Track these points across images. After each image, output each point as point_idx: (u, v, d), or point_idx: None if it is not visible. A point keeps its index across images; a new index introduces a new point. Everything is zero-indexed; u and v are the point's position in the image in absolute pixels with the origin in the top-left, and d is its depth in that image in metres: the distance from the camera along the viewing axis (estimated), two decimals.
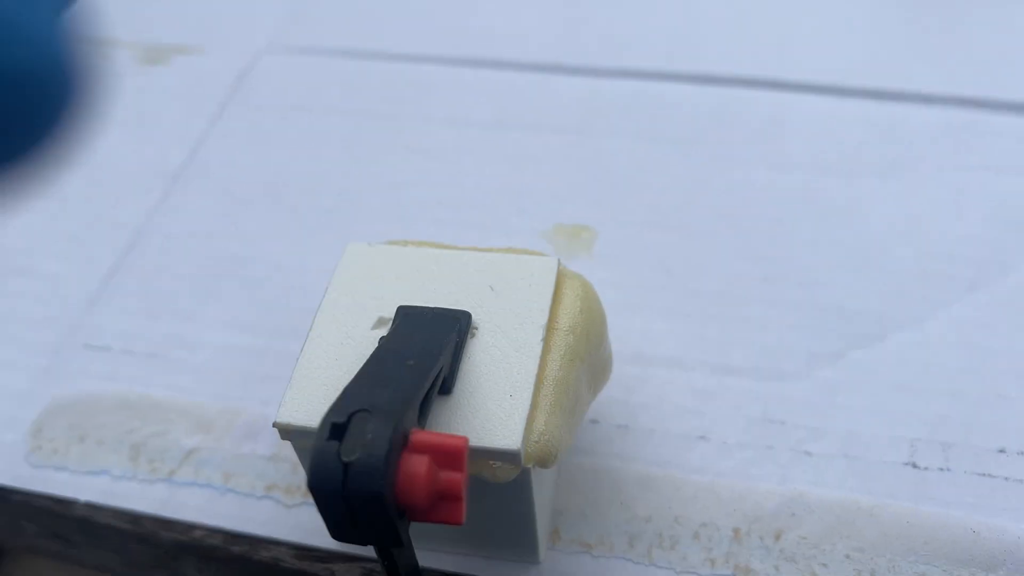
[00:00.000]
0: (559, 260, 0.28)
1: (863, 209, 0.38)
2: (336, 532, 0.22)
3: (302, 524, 0.31)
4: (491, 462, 0.25)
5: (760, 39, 0.46)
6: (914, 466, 0.30)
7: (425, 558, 0.30)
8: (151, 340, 0.36)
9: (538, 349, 0.26)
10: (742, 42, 0.46)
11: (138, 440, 0.33)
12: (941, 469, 0.30)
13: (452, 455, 0.21)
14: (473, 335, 0.26)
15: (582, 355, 0.27)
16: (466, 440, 0.21)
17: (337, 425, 0.21)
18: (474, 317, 0.27)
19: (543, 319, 0.26)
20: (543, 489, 0.28)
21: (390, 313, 0.27)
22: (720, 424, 0.32)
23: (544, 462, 0.25)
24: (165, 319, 0.37)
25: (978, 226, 0.36)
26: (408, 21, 0.49)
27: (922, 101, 0.42)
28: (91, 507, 0.32)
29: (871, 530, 0.29)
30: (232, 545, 0.31)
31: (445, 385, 0.25)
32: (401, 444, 0.21)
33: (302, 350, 0.26)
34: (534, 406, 0.25)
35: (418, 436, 0.21)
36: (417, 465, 0.21)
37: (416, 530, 0.29)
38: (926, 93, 0.42)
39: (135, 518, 0.32)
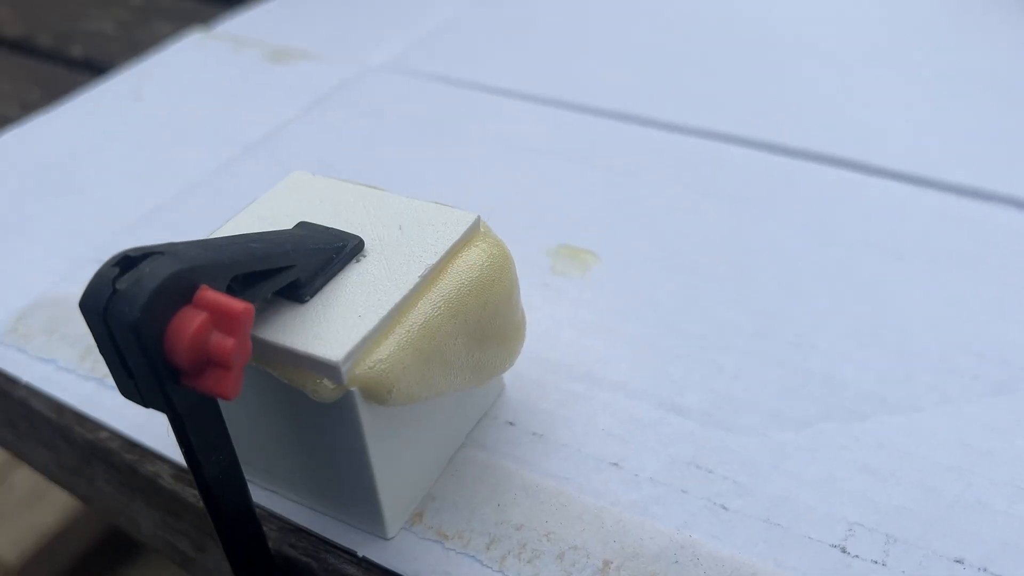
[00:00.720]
0: (479, 217, 0.27)
1: (894, 291, 0.33)
2: (119, 383, 0.21)
3: None
4: (316, 377, 0.23)
5: (841, 117, 0.43)
6: (843, 551, 0.25)
7: (275, 502, 0.28)
8: None
9: (410, 284, 0.24)
10: (820, 118, 0.43)
11: (95, 345, 0.34)
12: (874, 562, 0.25)
13: (230, 318, 0.20)
14: (358, 260, 0.25)
15: (467, 314, 0.25)
16: (250, 307, 0.20)
17: (130, 259, 0.21)
18: (368, 247, 0.26)
19: (431, 261, 0.25)
20: (394, 454, 0.25)
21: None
22: (640, 456, 0.28)
23: (373, 393, 0.23)
24: None
25: None
26: (509, 60, 0.50)
27: (999, 201, 0.37)
28: (30, 391, 0.33)
29: None
30: (126, 453, 0.31)
31: (300, 293, 0.24)
32: (184, 294, 0.20)
33: None
34: (384, 335, 0.24)
35: (204, 292, 0.20)
36: (189, 318, 0.20)
37: (269, 471, 0.28)
38: (1005, 194, 0.37)
39: (59, 409, 0.32)
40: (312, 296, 0.24)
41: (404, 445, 0.26)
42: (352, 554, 0.26)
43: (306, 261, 0.24)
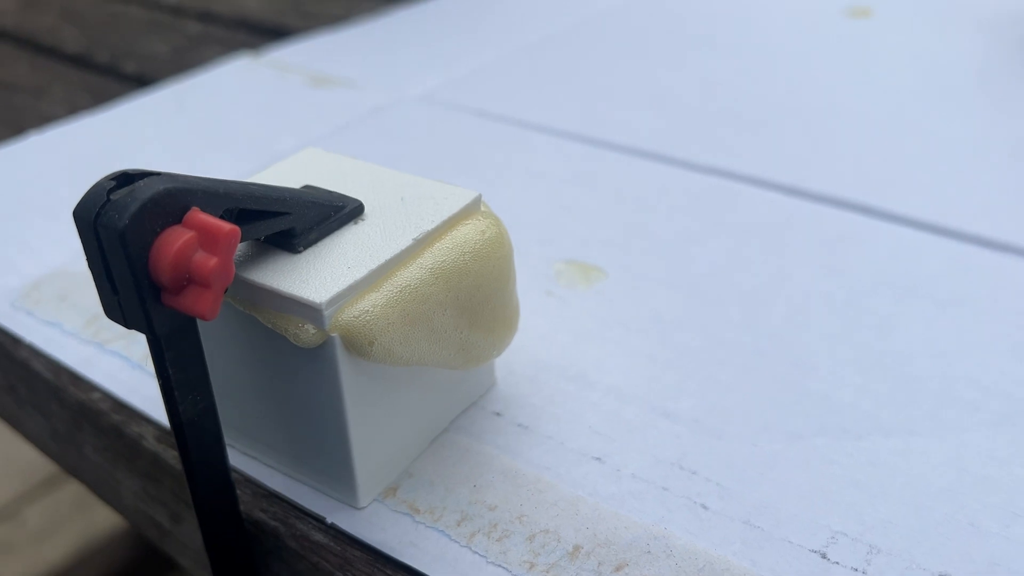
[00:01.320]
0: (481, 196, 0.27)
1: (899, 325, 0.32)
2: (103, 301, 0.22)
3: None
4: (299, 321, 0.23)
5: (858, 165, 0.43)
6: (823, 556, 0.24)
7: (251, 467, 0.28)
8: None
9: (403, 245, 0.25)
10: (837, 164, 0.43)
11: (101, 314, 0.35)
12: (855, 569, 0.24)
13: (215, 238, 0.21)
14: (356, 223, 0.26)
15: (458, 286, 0.25)
16: (235, 229, 0.21)
17: (128, 176, 0.21)
18: (368, 212, 0.26)
19: (427, 227, 0.25)
20: (372, 419, 0.25)
21: None
22: (624, 453, 0.27)
23: (354, 342, 0.23)
24: None
25: None
26: (540, 99, 0.51)
27: (1010, 251, 0.36)
28: (32, 351, 0.34)
29: None
30: (115, 413, 0.31)
31: (293, 243, 0.24)
32: (175, 213, 0.21)
33: None
34: (371, 289, 0.24)
35: (193, 213, 0.21)
36: (176, 235, 0.20)
37: (247, 431, 0.28)
38: (1017, 244, 0.37)
39: (56, 369, 0.33)
40: (306, 248, 0.25)
41: (383, 412, 0.26)
42: (320, 520, 0.26)
43: (303, 212, 0.24)
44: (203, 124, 0.50)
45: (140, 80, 0.58)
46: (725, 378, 0.30)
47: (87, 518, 0.98)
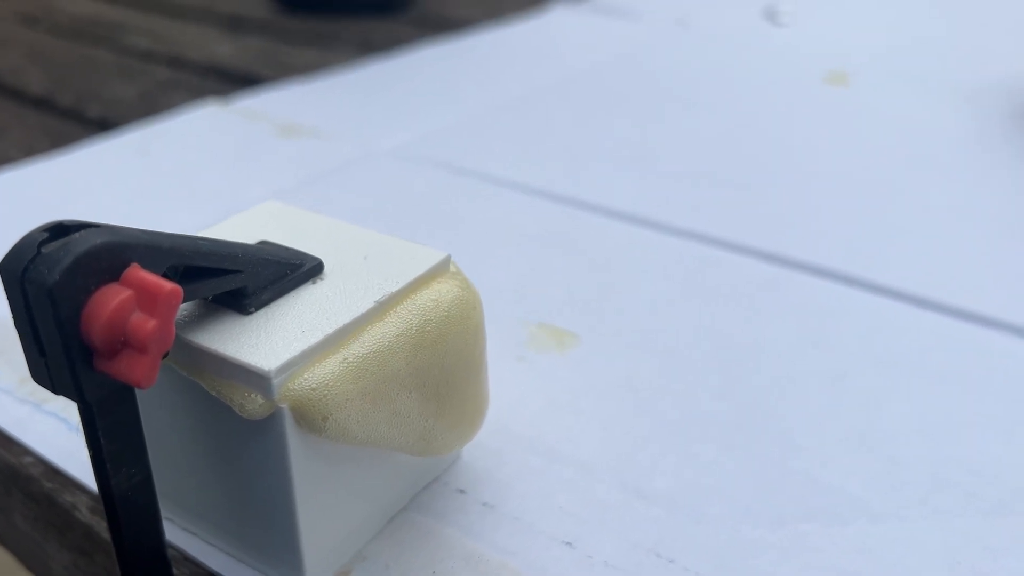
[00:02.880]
0: (450, 257, 0.25)
1: (888, 402, 0.31)
2: (30, 363, 0.20)
3: None
4: (246, 390, 0.21)
5: (844, 234, 0.42)
6: None
7: (190, 544, 0.25)
8: None
9: (362, 309, 0.23)
10: (821, 233, 0.42)
11: None
12: None
13: (155, 298, 0.19)
14: (314, 282, 0.24)
15: (423, 358, 0.23)
16: (177, 288, 0.19)
17: (63, 227, 0.19)
18: (328, 271, 0.24)
19: (390, 289, 0.24)
20: (322, 497, 0.23)
21: None
22: (597, 539, 0.26)
23: (305, 416, 0.21)
24: None
25: None
26: (513, 156, 0.50)
27: (1001, 327, 0.35)
28: None
29: None
30: (47, 480, 0.28)
31: (244, 304, 0.23)
32: (112, 270, 0.19)
33: None
34: (326, 356, 0.22)
35: (133, 270, 0.19)
36: (112, 294, 0.19)
37: (186, 505, 0.25)
38: (1008, 321, 0.35)
39: None
40: (257, 309, 0.23)
41: (335, 490, 0.23)
42: None
43: (256, 271, 0.23)
44: (166, 171, 0.49)
45: (103, 124, 0.56)
46: (704, 455, 0.29)
47: None
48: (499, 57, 0.67)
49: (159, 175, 0.48)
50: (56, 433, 0.30)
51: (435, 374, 0.24)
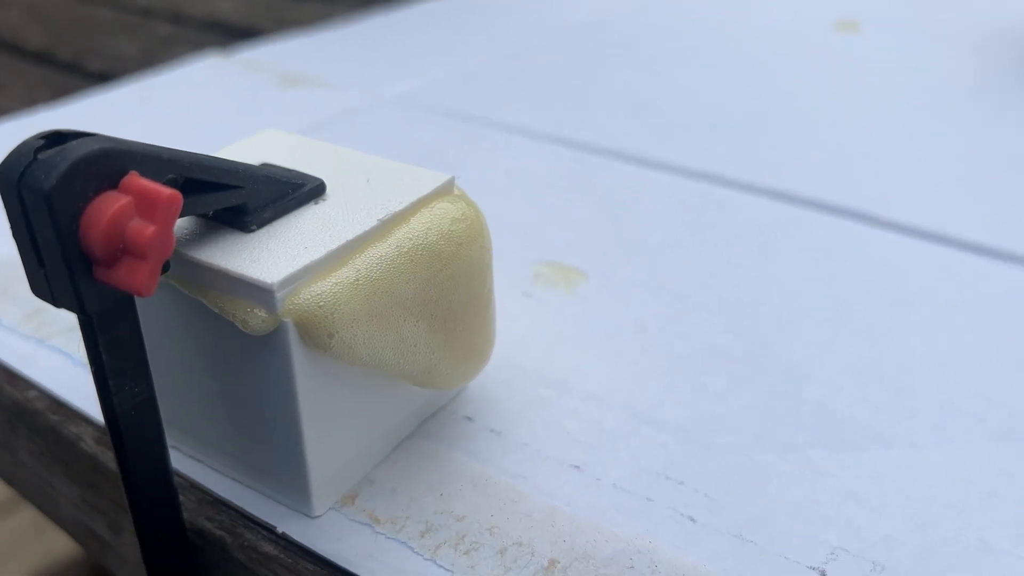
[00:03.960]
0: (454, 179, 0.25)
1: (896, 334, 0.31)
2: (29, 275, 0.19)
3: None
4: (248, 305, 0.21)
5: (851, 171, 0.41)
6: (822, 574, 0.22)
7: (196, 471, 0.25)
8: None
9: (366, 226, 0.22)
10: (829, 170, 0.41)
11: (42, 308, 0.32)
12: None
13: (154, 204, 0.18)
14: (316, 203, 0.24)
15: (426, 272, 0.23)
16: (176, 194, 0.18)
17: (60, 135, 0.19)
18: (330, 192, 0.24)
19: (393, 208, 0.23)
20: (328, 418, 0.23)
21: None
22: (605, 462, 0.25)
23: (310, 331, 0.21)
24: None
25: None
26: (519, 102, 0.49)
27: (1009, 259, 0.35)
28: None
29: None
30: (52, 413, 0.28)
31: (245, 221, 0.22)
32: (110, 177, 0.19)
33: None
34: (330, 271, 0.22)
35: (131, 178, 0.19)
36: (109, 201, 0.18)
37: (192, 431, 0.25)
38: (1016, 252, 0.35)
39: None
40: (259, 227, 0.22)
41: (342, 411, 0.23)
42: (271, 530, 0.24)
43: (257, 188, 0.22)
44: (167, 121, 0.48)
45: (104, 78, 0.56)
46: (713, 386, 0.28)
47: (43, 543, 0.95)
48: (504, 6, 0.66)
49: (160, 125, 0.48)
50: (61, 367, 0.29)
51: (442, 303, 0.24)
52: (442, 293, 0.24)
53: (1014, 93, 0.50)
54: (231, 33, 0.64)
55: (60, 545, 0.93)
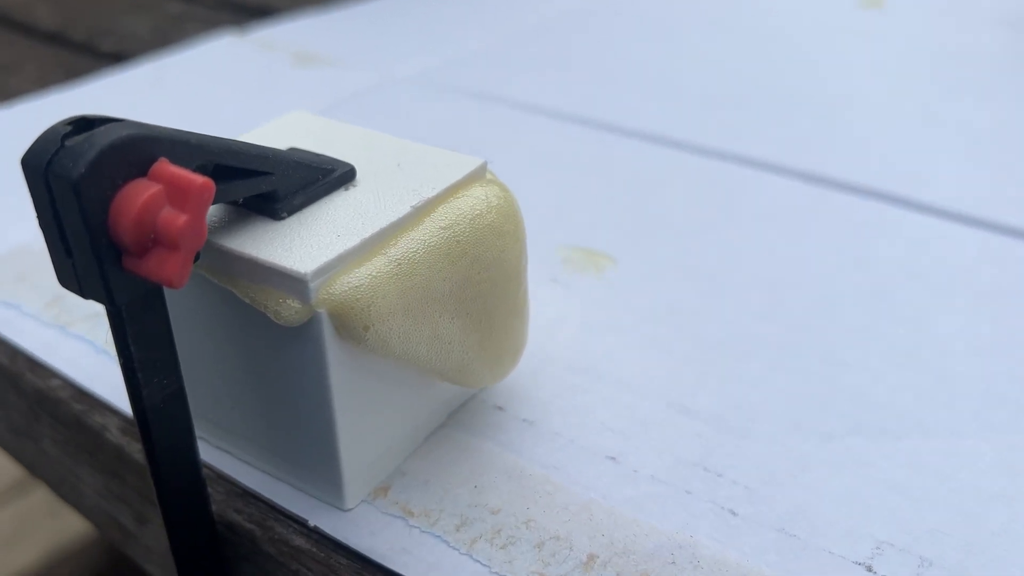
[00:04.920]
0: (487, 164, 0.24)
1: (935, 319, 0.30)
2: (57, 265, 0.19)
3: None
4: (281, 295, 0.20)
5: (886, 154, 0.41)
6: (869, 569, 0.21)
7: (224, 463, 0.25)
8: None
9: (399, 213, 0.22)
10: (864, 153, 0.41)
11: (64, 294, 0.32)
12: None
13: (186, 193, 0.18)
14: (347, 188, 0.23)
15: (461, 266, 0.22)
16: (209, 182, 0.18)
17: (87, 121, 0.18)
18: (360, 178, 0.23)
19: (426, 194, 0.23)
20: (361, 410, 0.22)
21: None
22: (641, 453, 0.25)
23: (344, 320, 0.20)
24: None
25: None
26: (538, 81, 0.49)
27: None
28: None
29: None
30: (76, 402, 0.28)
31: (276, 208, 0.22)
32: (139, 164, 0.18)
33: None
34: (362, 261, 0.21)
35: (161, 165, 0.18)
36: (140, 189, 0.18)
37: (221, 423, 0.25)
38: None
39: (13, 354, 0.30)
40: (290, 214, 0.22)
41: (374, 402, 0.23)
42: (302, 523, 0.23)
43: (288, 174, 0.22)
44: (182, 101, 0.47)
45: (118, 58, 0.55)
46: (749, 373, 0.28)
47: (57, 523, 0.95)
48: None
49: (175, 106, 0.47)
50: (83, 355, 0.29)
51: (479, 301, 0.23)
52: (478, 291, 0.23)
53: None
54: (244, 11, 0.63)
55: (74, 525, 0.93)
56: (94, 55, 0.56)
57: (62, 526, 0.94)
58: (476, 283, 0.23)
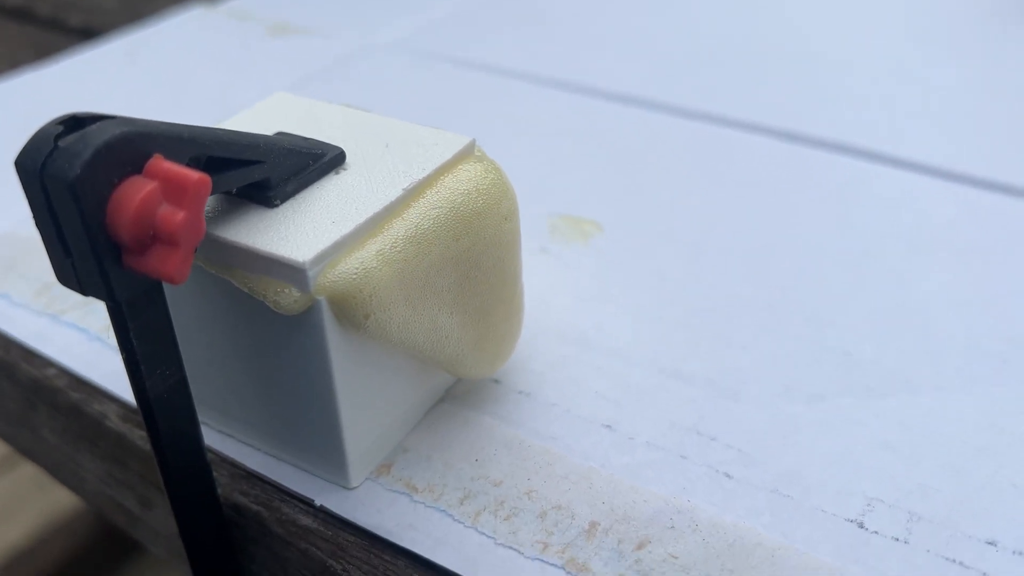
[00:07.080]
0: (475, 141, 0.24)
1: (917, 277, 0.31)
2: (56, 265, 0.19)
3: None
4: (279, 284, 0.21)
5: (863, 109, 0.41)
6: (860, 526, 0.22)
7: (228, 447, 0.25)
8: None
9: (392, 196, 0.22)
10: (840, 109, 0.41)
11: (53, 282, 0.32)
12: (896, 539, 0.22)
13: (183, 189, 0.18)
14: (338, 172, 0.23)
15: (456, 239, 0.23)
16: (205, 177, 0.18)
17: (78, 120, 0.18)
18: (350, 161, 0.23)
19: (417, 176, 0.23)
20: (362, 391, 0.23)
21: None
22: (635, 420, 0.25)
23: (344, 308, 0.21)
24: None
25: None
26: (518, 45, 0.48)
27: None
28: None
29: (765, 571, 0.21)
30: (73, 391, 0.28)
31: (269, 196, 0.22)
32: (134, 162, 0.18)
33: None
34: (359, 246, 0.21)
35: (156, 161, 0.18)
36: (136, 187, 0.18)
37: (223, 409, 0.25)
38: None
39: (7, 344, 0.30)
40: (283, 201, 0.22)
41: (375, 382, 0.23)
42: (308, 503, 0.24)
43: (278, 161, 0.22)
44: (156, 78, 0.47)
45: (86, 33, 0.54)
46: (738, 337, 0.28)
47: (48, 497, 0.95)
48: None
49: (149, 82, 0.46)
50: (77, 343, 0.29)
51: (476, 296, 0.23)
52: (475, 279, 0.23)
53: (1018, 25, 0.49)
54: None
55: (64, 499, 0.93)
56: (62, 30, 0.55)
57: (52, 500, 0.94)
58: (474, 267, 0.23)
